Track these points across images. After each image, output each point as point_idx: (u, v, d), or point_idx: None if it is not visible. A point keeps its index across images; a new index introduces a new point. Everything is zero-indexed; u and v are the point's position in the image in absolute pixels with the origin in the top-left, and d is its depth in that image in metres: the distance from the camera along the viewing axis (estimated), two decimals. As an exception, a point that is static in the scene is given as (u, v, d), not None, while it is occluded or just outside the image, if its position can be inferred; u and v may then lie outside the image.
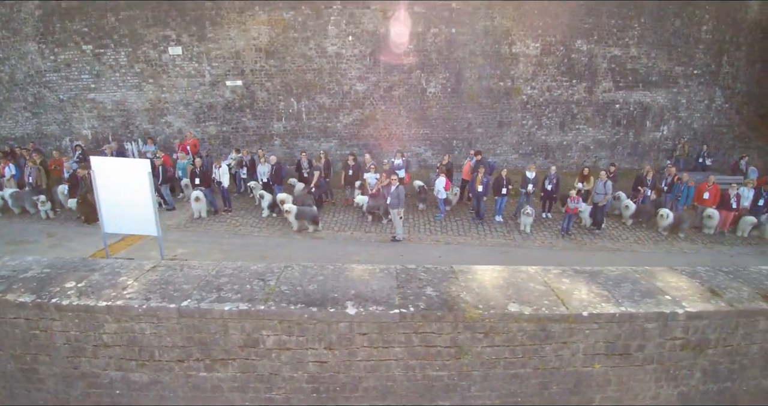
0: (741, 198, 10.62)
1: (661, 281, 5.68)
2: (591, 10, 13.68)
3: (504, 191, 10.27)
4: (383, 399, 5.30)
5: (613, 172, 11.02)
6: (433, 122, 14.18)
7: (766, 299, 5.16)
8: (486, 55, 13.66)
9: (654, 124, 15.35)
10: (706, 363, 5.33)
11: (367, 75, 13.48)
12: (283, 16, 12.84)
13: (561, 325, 4.98)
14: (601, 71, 14.34)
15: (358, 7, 12.86)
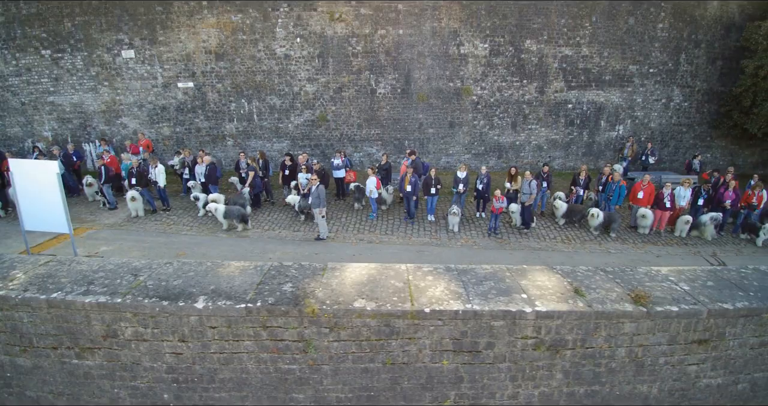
0: (677, 198, 10.56)
1: (527, 280, 5.77)
2: (540, 10, 13.68)
3: (433, 191, 10.34)
4: (240, 390, 5.48)
5: (546, 173, 11.02)
6: (384, 123, 14.30)
7: (635, 301, 5.20)
8: (434, 56, 13.74)
9: (609, 124, 15.28)
10: (566, 364, 5.39)
11: (316, 76, 13.65)
12: (231, 19, 13.07)
13: (405, 321, 5.10)
14: (552, 71, 14.33)
15: (305, 9, 13.04)
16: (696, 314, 5.24)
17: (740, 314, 5.33)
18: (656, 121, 15.47)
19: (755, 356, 5.64)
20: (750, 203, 10.68)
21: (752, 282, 5.85)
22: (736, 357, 5.61)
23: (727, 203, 10.56)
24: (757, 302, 5.34)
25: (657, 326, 5.24)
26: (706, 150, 16.25)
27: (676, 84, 15.16)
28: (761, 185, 10.73)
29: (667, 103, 15.35)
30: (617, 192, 10.40)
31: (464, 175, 10.63)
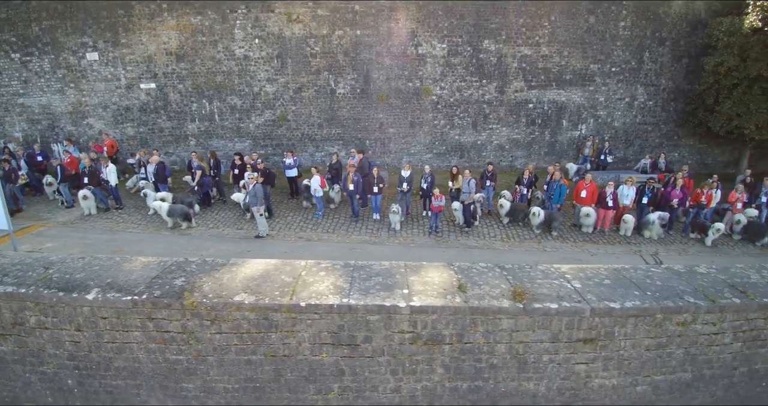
0: (621, 196, 10.57)
1: (418, 276, 5.88)
2: (497, 10, 13.74)
3: (376, 190, 10.46)
4: (134, 378, 5.68)
5: (491, 172, 11.08)
6: (344, 122, 14.44)
7: (516, 297, 5.27)
8: (393, 56, 13.85)
9: (571, 124, 15.27)
10: (446, 359, 5.50)
11: (275, 76, 13.83)
12: (191, 21, 13.30)
13: (282, 314, 5.25)
14: (511, 71, 14.37)
15: (262, 10, 13.23)
16: (578, 312, 5.29)
17: (629, 314, 5.36)
18: (620, 120, 15.43)
19: (653, 358, 5.66)
20: (699, 202, 10.65)
21: (655, 282, 5.86)
22: (630, 358, 5.63)
23: (674, 201, 10.54)
24: (650, 301, 5.36)
25: (536, 323, 5.31)
26: (674, 149, 16.18)
27: (640, 83, 15.11)
28: (710, 184, 10.69)
29: (630, 102, 15.31)
30: (557, 191, 10.44)
31: (408, 175, 10.73)
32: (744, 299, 5.52)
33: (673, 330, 5.53)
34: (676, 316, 5.46)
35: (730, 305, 5.48)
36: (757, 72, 12.30)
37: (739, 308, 5.51)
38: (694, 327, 5.54)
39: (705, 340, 5.64)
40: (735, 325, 5.63)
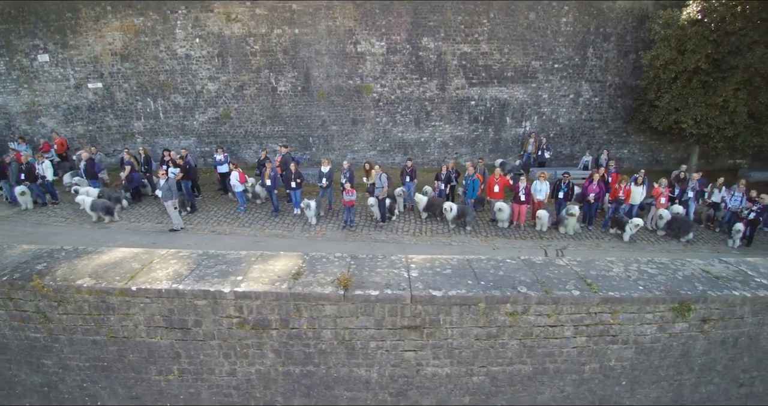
0: (535, 191, 10.63)
1: (264, 265, 6.12)
2: (435, 8, 13.84)
3: (293, 185, 10.69)
4: (4, 354, 6.03)
5: (411, 168, 11.22)
6: (287, 120, 14.69)
7: (340, 284, 5.43)
8: (332, 55, 14.05)
9: (515, 121, 15.30)
10: (275, 344, 5.72)
11: (217, 75, 14.14)
12: (134, 22, 13.67)
13: (117, 298, 5.52)
14: (451, 68, 14.46)
15: (201, 10, 13.54)
16: (399, 299, 5.45)
17: (452, 302, 5.50)
18: (565, 117, 15.41)
19: (486, 348, 5.77)
20: (617, 198, 10.65)
21: (498, 272, 5.98)
22: (461, 347, 5.75)
23: (591, 196, 10.57)
24: (477, 290, 5.49)
25: (359, 309, 5.49)
26: (623, 146, 16.11)
27: (584, 79, 15.07)
28: (627, 180, 10.69)
29: (575, 99, 15.28)
30: (471, 186, 10.54)
31: (327, 170, 10.93)
32: (586, 292, 5.60)
33: (503, 320, 5.64)
34: (503, 306, 5.57)
35: (566, 296, 5.56)
36: (695, 64, 12.19)
37: (576, 300, 5.58)
38: (526, 318, 5.64)
39: (541, 332, 5.72)
40: (575, 318, 5.70)
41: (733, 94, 12.11)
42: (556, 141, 15.63)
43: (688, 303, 5.74)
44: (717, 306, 5.83)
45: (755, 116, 12.54)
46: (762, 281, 6.13)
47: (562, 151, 15.71)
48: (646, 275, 6.16)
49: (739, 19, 11.75)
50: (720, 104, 12.18)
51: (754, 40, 11.63)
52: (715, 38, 12.03)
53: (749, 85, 12.16)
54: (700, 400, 6.35)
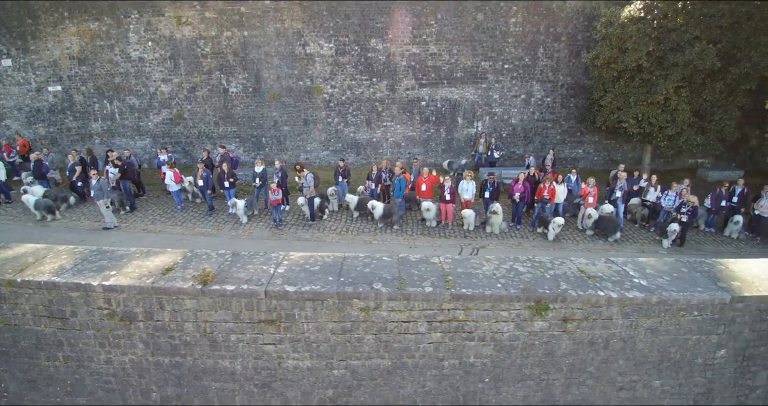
0: (461, 191, 10.73)
1: (144, 261, 6.40)
2: (382, 9, 14.00)
3: (227, 185, 10.94)
4: None
5: (343, 168, 11.38)
6: (239, 121, 14.97)
7: (199, 279, 5.67)
8: (281, 56, 14.30)
9: (467, 121, 15.38)
10: (143, 335, 5.98)
11: (170, 77, 14.48)
12: (90, 26, 14.08)
13: (6, 288, 5.83)
14: (401, 69, 14.60)
15: (153, 14, 13.89)
16: (253, 294, 5.67)
17: (305, 297, 5.70)
18: (517, 117, 15.44)
19: (343, 342, 5.94)
20: (542, 197, 10.70)
21: (364, 269, 6.15)
22: (318, 341, 5.94)
23: (516, 195, 10.63)
24: (331, 286, 5.65)
25: (217, 303, 5.71)
26: (578, 146, 16.08)
27: (535, 79, 15.09)
28: (551, 179, 10.72)
29: (527, 99, 15.30)
30: (397, 185, 10.68)
31: (260, 170, 11.17)
32: (438, 289, 5.74)
33: (357, 315, 5.80)
34: (356, 301, 5.74)
35: (417, 293, 5.71)
36: (636, 63, 12.14)
37: (427, 296, 5.74)
38: (379, 313, 5.80)
39: (395, 327, 5.88)
40: (428, 314, 5.85)
41: (675, 92, 12.05)
42: (509, 141, 15.67)
43: (545, 302, 5.83)
44: (579, 306, 5.90)
45: (700, 114, 12.46)
46: (640, 282, 6.20)
47: (516, 151, 15.73)
48: (513, 273, 6.27)
49: (681, 16, 11.70)
50: (661, 103, 12.12)
51: (695, 36, 11.55)
52: (657, 35, 11.98)
53: (691, 82, 12.10)
54: (573, 401, 6.40)
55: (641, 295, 5.89)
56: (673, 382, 6.43)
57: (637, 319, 6.00)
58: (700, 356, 6.31)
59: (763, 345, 6.39)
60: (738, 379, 6.57)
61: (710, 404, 6.68)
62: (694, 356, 6.30)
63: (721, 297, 5.99)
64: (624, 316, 5.98)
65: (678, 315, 6.02)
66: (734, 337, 6.27)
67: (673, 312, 6.00)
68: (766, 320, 6.24)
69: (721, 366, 6.43)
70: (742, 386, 6.63)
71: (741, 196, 11.15)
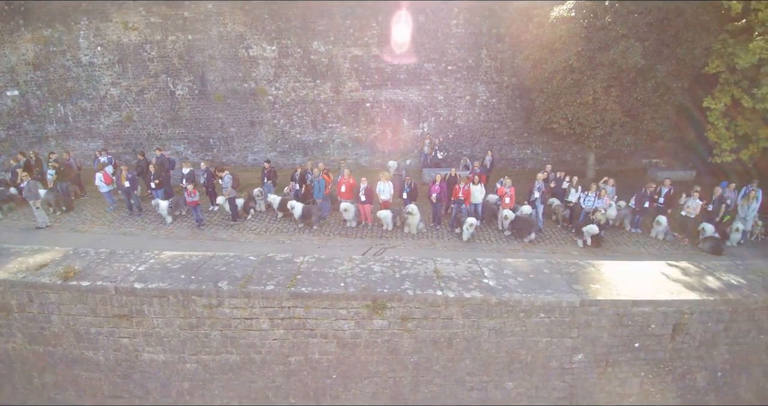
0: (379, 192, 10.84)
1: (28, 257, 6.72)
2: (323, 12, 14.17)
3: (153, 185, 11.24)
4: None
5: (269, 169, 11.58)
6: (186, 122, 15.30)
7: (61, 275, 5.94)
8: (225, 59, 14.58)
9: (412, 122, 15.46)
10: (19, 325, 6.37)
11: (118, 80, 14.88)
12: (43, 33, 14.56)
13: None
14: (344, 71, 14.75)
15: (101, 21, 14.30)
16: (105, 290, 5.92)
17: (152, 294, 5.94)
18: (462, 118, 15.45)
19: (192, 337, 6.16)
20: (457, 198, 10.74)
21: (221, 268, 6.38)
22: (168, 336, 6.16)
23: (434, 196, 10.70)
24: (177, 284, 5.88)
25: (75, 298, 5.97)
26: (526, 146, 16.02)
27: (479, 80, 15.10)
28: (466, 180, 10.75)
29: (472, 100, 15.30)
30: (317, 186, 10.83)
31: (188, 171, 11.43)
32: (279, 287, 5.91)
33: (201, 312, 6.00)
34: (199, 298, 5.93)
35: (257, 291, 5.90)
36: (565, 63, 12.06)
37: (266, 294, 5.93)
38: (222, 310, 5.99)
39: (239, 324, 6.06)
40: (269, 311, 6.02)
41: (605, 92, 11.95)
42: (456, 142, 15.70)
43: (382, 301, 5.94)
44: (417, 305, 5.99)
45: (632, 114, 12.33)
46: (488, 283, 6.26)
47: (463, 151, 15.72)
48: (365, 273, 6.39)
49: (609, 14, 11.61)
50: (590, 103, 12.04)
51: (622, 33, 11.44)
52: (587, 35, 11.90)
53: (623, 82, 11.98)
54: (423, 399, 6.47)
55: (480, 295, 5.96)
56: (527, 384, 6.45)
57: (478, 319, 6.06)
58: (554, 360, 6.33)
59: (629, 351, 6.36)
60: (604, 385, 6.56)
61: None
62: (548, 359, 6.32)
63: (569, 300, 6.01)
64: (464, 316, 6.04)
65: (522, 317, 6.06)
66: (592, 341, 6.26)
67: (516, 313, 6.04)
68: (627, 326, 6.22)
69: (581, 371, 6.43)
70: (610, 392, 6.61)
71: (667, 197, 11.03)
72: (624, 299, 6.05)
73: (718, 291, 6.34)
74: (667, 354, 6.40)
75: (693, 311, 6.20)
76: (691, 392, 6.75)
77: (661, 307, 6.11)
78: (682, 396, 6.75)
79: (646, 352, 6.36)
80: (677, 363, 6.49)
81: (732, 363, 6.63)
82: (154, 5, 14.12)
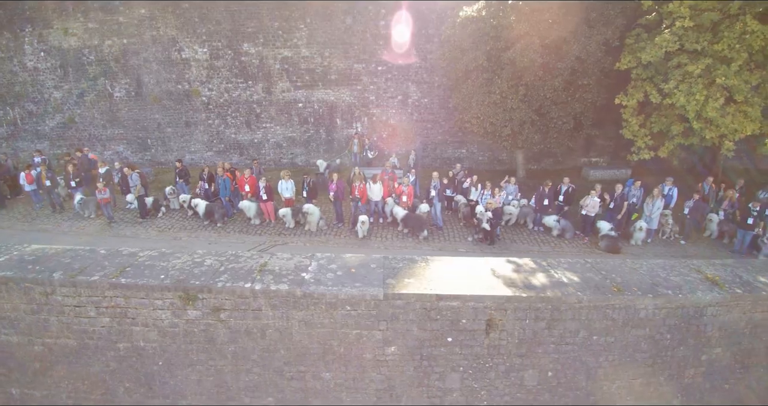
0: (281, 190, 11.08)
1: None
2: (252, 15, 14.49)
3: (73, 184, 11.71)
4: None
5: (180, 168, 11.94)
6: (125, 123, 15.80)
7: None
8: (159, 62, 15.02)
9: (345, 122, 15.65)
10: None
11: (61, 84, 15.47)
12: (-9, 39, 15.26)
13: None
14: (275, 72, 15.04)
15: (44, 27, 14.90)
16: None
17: (1, 281, 6.30)
18: (395, 118, 15.57)
19: (36, 323, 6.50)
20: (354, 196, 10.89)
21: (69, 260, 6.67)
22: (17, 320, 6.52)
23: (331, 194, 10.90)
24: (16, 272, 6.26)
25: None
26: (461, 146, 16.06)
27: (410, 81, 15.21)
28: (360, 178, 10.88)
29: (404, 100, 15.42)
30: (222, 185, 11.13)
31: (105, 170, 11.88)
32: (103, 278, 6.21)
33: (40, 299, 6.33)
34: (37, 287, 6.28)
35: (82, 281, 6.21)
36: (475, 63, 12.10)
37: (90, 284, 6.22)
38: (55, 298, 6.31)
39: (71, 311, 6.37)
40: (95, 300, 6.31)
41: (511, 91, 11.94)
42: (391, 141, 15.82)
43: (193, 292, 6.16)
44: (227, 297, 6.20)
45: (541, 112, 12.29)
46: (304, 276, 6.38)
47: (398, 151, 15.84)
48: (193, 266, 6.63)
49: (513, 12, 11.63)
50: (498, 102, 12.05)
51: (525, 31, 11.43)
52: (495, 34, 11.93)
53: (524, 80, 11.92)
54: (246, 388, 6.67)
55: (286, 288, 6.12)
56: (344, 375, 6.57)
57: (287, 311, 6.21)
58: (368, 352, 6.43)
59: (443, 346, 6.44)
60: (423, 379, 6.64)
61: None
62: (361, 351, 6.43)
63: (372, 293, 6.12)
64: (273, 307, 6.20)
65: (329, 309, 6.20)
66: (402, 335, 6.35)
67: (324, 306, 6.19)
68: (436, 320, 6.30)
69: (396, 364, 6.52)
70: (431, 386, 6.68)
71: (566, 195, 10.98)
72: (428, 293, 6.12)
73: (538, 288, 6.37)
74: (484, 350, 6.45)
75: (506, 308, 6.24)
76: (521, 391, 6.77)
77: (469, 302, 6.16)
78: (511, 394, 6.77)
79: (461, 347, 6.40)
80: (497, 360, 6.51)
81: (563, 363, 6.63)
82: (91, 11, 14.66)
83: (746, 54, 10.02)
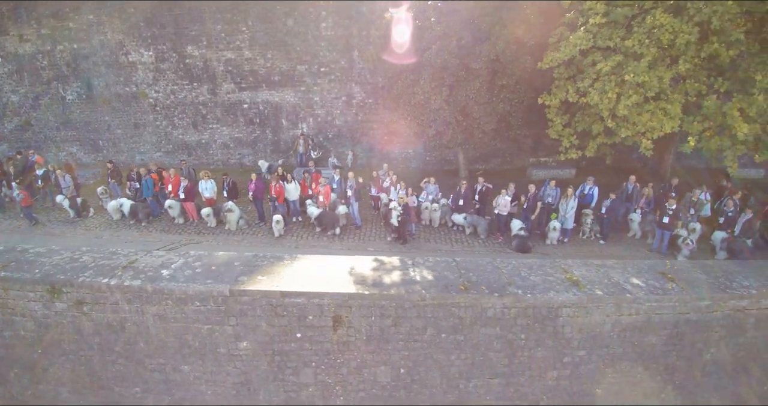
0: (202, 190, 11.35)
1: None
2: (194, 18, 14.77)
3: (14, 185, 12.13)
4: None
5: (111, 169, 12.26)
6: (77, 125, 16.23)
7: None
8: (107, 65, 15.40)
9: (291, 122, 15.85)
10: None
11: (17, 88, 15.96)
12: (-51, 44, 15.80)
13: None
14: (219, 74, 15.31)
15: (1, 34, 15.39)
16: None
17: None
18: (340, 118, 15.72)
19: None
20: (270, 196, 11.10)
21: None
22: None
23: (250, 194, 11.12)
24: None
25: None
26: (408, 146, 16.08)
27: (354, 81, 15.33)
28: (277, 178, 11.07)
29: (348, 101, 15.56)
30: (145, 185, 11.42)
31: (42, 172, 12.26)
32: None
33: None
34: None
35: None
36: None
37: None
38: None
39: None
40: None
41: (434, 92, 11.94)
42: (337, 142, 15.99)
43: (58, 286, 6.44)
44: (87, 291, 6.46)
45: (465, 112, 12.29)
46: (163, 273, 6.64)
47: (345, 151, 15.98)
48: (68, 263, 6.93)
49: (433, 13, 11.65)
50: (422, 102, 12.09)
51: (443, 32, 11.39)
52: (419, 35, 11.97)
53: (446, 81, 11.91)
54: (114, 378, 6.90)
55: (137, 283, 6.34)
56: (202, 368, 6.77)
57: (142, 306, 6.44)
58: (221, 346, 6.63)
59: (292, 341, 6.59)
60: (278, 373, 6.80)
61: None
62: (215, 345, 6.63)
63: (218, 289, 6.31)
64: (128, 302, 6.43)
65: (179, 304, 6.41)
66: (252, 330, 6.53)
67: (174, 301, 6.39)
68: (283, 316, 6.45)
69: (250, 358, 6.69)
70: (285, 381, 6.84)
71: (481, 194, 11.02)
72: (273, 290, 6.28)
73: (386, 286, 6.48)
74: (334, 346, 6.58)
75: (351, 305, 6.36)
76: (375, 387, 6.87)
77: (314, 299, 6.31)
78: (366, 390, 6.88)
79: (311, 343, 6.55)
80: (348, 356, 6.64)
81: (415, 360, 6.73)
82: (43, 18, 15.10)
83: (655, 49, 9.90)
